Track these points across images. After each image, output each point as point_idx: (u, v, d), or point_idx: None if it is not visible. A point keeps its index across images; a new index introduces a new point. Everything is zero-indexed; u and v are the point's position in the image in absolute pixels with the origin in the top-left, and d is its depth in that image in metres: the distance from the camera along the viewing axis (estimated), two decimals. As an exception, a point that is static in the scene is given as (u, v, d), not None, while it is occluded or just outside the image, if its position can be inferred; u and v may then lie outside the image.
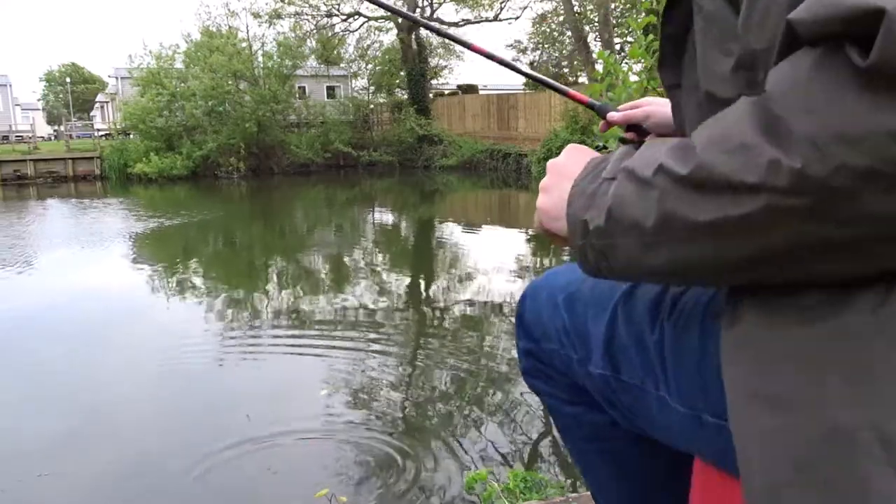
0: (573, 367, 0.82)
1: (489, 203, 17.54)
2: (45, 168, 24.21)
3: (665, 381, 0.70)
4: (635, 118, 1.17)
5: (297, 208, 17.30)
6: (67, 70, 65.75)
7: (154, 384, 4.83)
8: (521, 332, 0.89)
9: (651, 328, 0.72)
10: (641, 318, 0.73)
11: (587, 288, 0.81)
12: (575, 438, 0.92)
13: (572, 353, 0.81)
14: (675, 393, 0.69)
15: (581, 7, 24.68)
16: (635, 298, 0.75)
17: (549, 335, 0.84)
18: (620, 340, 0.75)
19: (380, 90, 30.49)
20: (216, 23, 26.95)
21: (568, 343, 0.81)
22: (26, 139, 30.65)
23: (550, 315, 0.83)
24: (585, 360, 0.79)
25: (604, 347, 0.76)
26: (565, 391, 0.87)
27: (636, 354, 0.73)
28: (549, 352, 0.85)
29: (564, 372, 0.84)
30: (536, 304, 0.86)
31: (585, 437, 0.89)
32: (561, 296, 0.83)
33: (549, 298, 0.84)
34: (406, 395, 4.55)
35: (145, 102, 23.83)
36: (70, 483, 3.47)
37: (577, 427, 0.89)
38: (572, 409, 0.87)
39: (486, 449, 3.64)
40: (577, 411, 0.87)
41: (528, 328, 0.87)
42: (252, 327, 6.27)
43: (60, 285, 8.25)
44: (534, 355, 0.87)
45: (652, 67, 2.30)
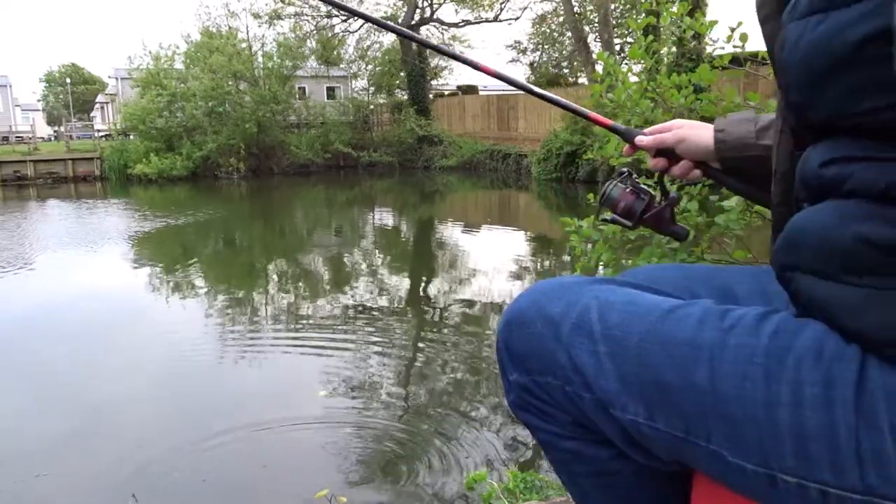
0: (583, 405, 0.76)
1: (489, 204, 17.54)
2: (45, 169, 24.21)
3: (721, 434, 0.67)
4: (666, 143, 1.08)
5: (297, 209, 17.29)
6: (67, 71, 65.76)
7: (154, 384, 4.83)
8: (510, 363, 0.82)
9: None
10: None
11: (597, 321, 0.75)
12: (574, 473, 0.86)
13: (584, 392, 0.75)
14: (735, 448, 0.67)
15: (581, 7, 24.70)
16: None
17: (549, 369, 0.78)
18: (660, 383, 0.70)
19: (380, 91, 30.50)
20: (216, 23, 27.01)
21: (579, 381, 0.75)
22: (26, 140, 30.66)
23: (551, 348, 0.77)
24: (606, 403, 0.74)
25: (638, 391, 0.72)
26: (565, 427, 0.81)
27: (684, 402, 0.69)
28: (547, 386, 0.78)
29: (567, 408, 0.78)
30: (528, 333, 0.79)
31: (587, 472, 0.84)
32: (565, 328, 0.76)
33: (547, 329, 0.78)
34: (406, 395, 4.56)
35: (145, 103, 23.85)
36: (70, 483, 3.48)
37: (577, 462, 0.84)
38: (572, 445, 0.82)
39: (486, 449, 3.64)
40: (577, 446, 0.81)
41: (520, 360, 0.80)
42: (252, 327, 6.27)
43: (61, 286, 8.25)
44: (527, 389, 0.81)
45: (651, 68, 2.30)
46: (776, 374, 0.64)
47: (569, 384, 0.76)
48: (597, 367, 0.74)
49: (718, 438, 0.67)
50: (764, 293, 0.89)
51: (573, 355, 0.75)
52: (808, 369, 0.63)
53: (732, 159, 1.00)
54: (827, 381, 0.62)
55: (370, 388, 4.64)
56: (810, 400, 0.62)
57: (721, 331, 0.69)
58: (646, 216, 1.11)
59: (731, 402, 0.66)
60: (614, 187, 1.14)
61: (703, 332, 0.70)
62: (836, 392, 0.61)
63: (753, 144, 0.97)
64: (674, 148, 1.08)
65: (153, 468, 3.55)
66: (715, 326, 0.70)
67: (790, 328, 0.67)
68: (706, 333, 0.70)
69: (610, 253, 2.22)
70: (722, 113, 2.14)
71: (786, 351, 0.65)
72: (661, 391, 0.70)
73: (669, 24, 2.30)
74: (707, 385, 0.67)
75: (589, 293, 0.78)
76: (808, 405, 0.62)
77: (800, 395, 0.63)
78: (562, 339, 0.76)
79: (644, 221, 1.12)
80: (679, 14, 2.22)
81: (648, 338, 0.72)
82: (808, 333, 0.66)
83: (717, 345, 0.68)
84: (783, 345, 0.66)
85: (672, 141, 1.07)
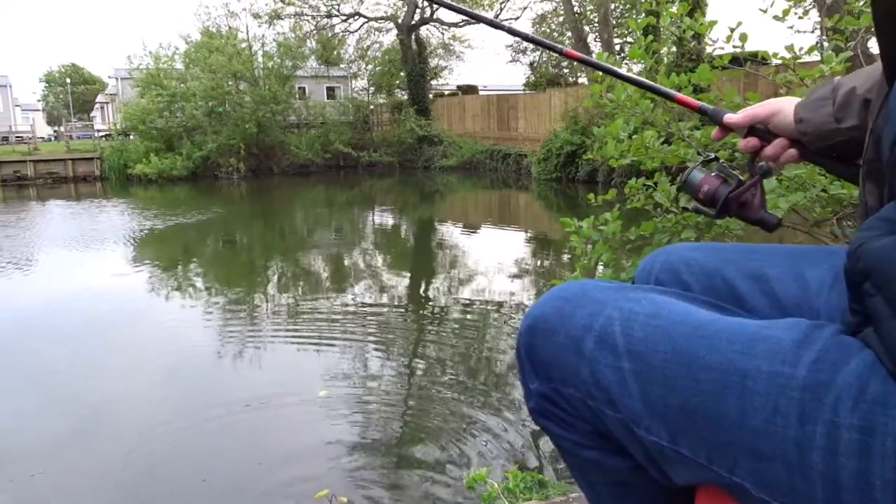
0: (606, 419, 0.74)
1: (489, 204, 17.54)
2: (45, 169, 24.21)
3: (747, 467, 0.64)
4: (759, 116, 1.00)
5: (297, 209, 17.29)
6: (67, 71, 65.77)
7: (154, 384, 4.83)
8: (531, 371, 0.79)
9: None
10: None
11: (620, 334, 0.72)
12: (593, 482, 0.84)
13: (607, 410, 0.73)
14: (761, 484, 0.63)
15: (581, 7, 24.69)
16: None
17: (571, 381, 0.75)
18: (686, 407, 0.67)
19: (380, 91, 30.50)
20: (216, 23, 27.02)
21: (602, 398, 0.73)
22: (26, 140, 30.66)
23: (573, 361, 0.74)
24: (629, 422, 0.71)
25: (662, 413, 0.69)
26: (585, 437, 0.78)
27: (709, 430, 0.66)
28: (569, 396, 0.76)
29: (589, 419, 0.76)
30: (551, 342, 0.76)
31: (606, 481, 0.82)
32: (588, 342, 0.73)
33: (569, 341, 0.75)
34: (406, 394, 4.56)
35: (145, 103, 23.86)
36: (69, 482, 3.48)
37: (596, 471, 0.81)
38: (592, 454, 0.79)
39: (486, 449, 3.64)
40: (597, 456, 0.79)
41: (542, 368, 0.78)
42: (252, 327, 6.27)
43: (62, 286, 8.25)
44: (549, 398, 0.78)
45: (651, 68, 2.30)
46: (812, 413, 0.60)
47: (591, 399, 0.74)
48: (621, 385, 0.71)
49: (743, 471, 0.64)
50: (799, 277, 0.86)
51: (595, 371, 0.72)
52: (847, 411, 0.58)
53: (820, 148, 0.96)
54: (866, 427, 0.57)
55: (370, 388, 4.64)
56: (847, 446, 0.58)
57: (754, 356, 0.64)
58: (730, 202, 1.00)
59: (761, 437, 0.62)
60: (697, 170, 1.05)
61: (733, 355, 0.66)
62: (875, 441, 0.57)
63: (836, 130, 0.92)
64: (767, 124, 1.00)
65: (153, 468, 3.56)
66: (747, 349, 0.65)
67: (833, 359, 0.62)
68: (736, 357, 0.65)
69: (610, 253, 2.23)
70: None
71: (825, 387, 0.60)
72: (686, 416, 0.67)
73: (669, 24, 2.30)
74: (735, 415, 0.64)
75: (613, 303, 0.75)
76: (843, 451, 0.58)
77: (836, 439, 0.58)
78: (584, 353, 0.73)
79: (729, 209, 1.01)
80: (679, 14, 2.22)
81: (675, 357, 0.68)
82: (852, 367, 0.60)
83: (750, 372, 0.64)
84: (823, 379, 0.60)
85: (765, 114, 1.00)
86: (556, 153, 18.24)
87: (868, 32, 2.23)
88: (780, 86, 2.19)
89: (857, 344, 0.63)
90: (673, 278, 0.93)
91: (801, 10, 2.37)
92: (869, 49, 2.39)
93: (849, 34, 2.20)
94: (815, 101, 0.94)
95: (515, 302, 6.95)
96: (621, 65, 2.35)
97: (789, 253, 0.91)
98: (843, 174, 0.99)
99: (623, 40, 22.78)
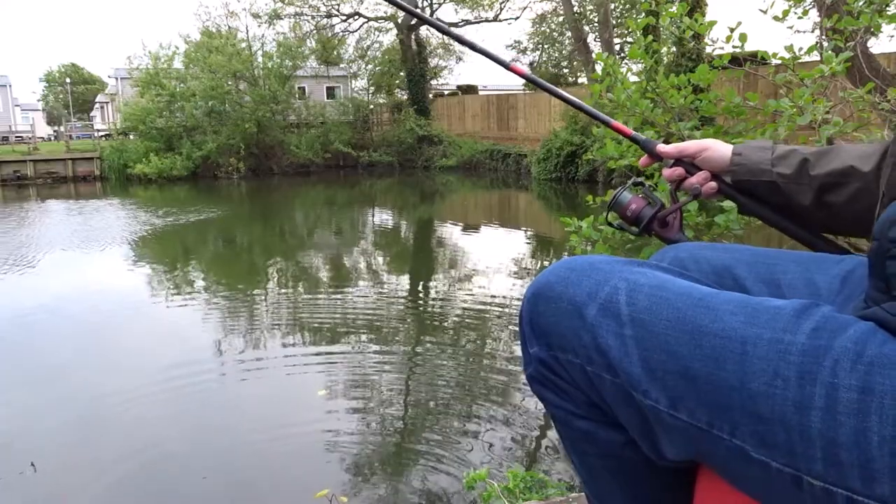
0: (602, 387, 0.75)
1: (489, 204, 17.54)
2: (45, 168, 24.21)
3: (747, 430, 0.65)
4: (688, 151, 1.11)
5: (297, 208, 17.29)
6: (67, 70, 65.72)
7: (156, 384, 4.82)
8: (533, 337, 0.81)
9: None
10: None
11: (625, 303, 0.74)
12: (583, 453, 0.85)
13: (605, 374, 0.74)
14: (761, 445, 0.65)
15: (581, 7, 24.69)
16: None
17: (571, 347, 0.76)
18: (687, 373, 0.69)
19: (379, 90, 30.51)
20: (215, 23, 27.02)
21: (601, 363, 0.74)
22: (26, 140, 30.69)
23: (575, 326, 0.76)
24: (628, 387, 0.72)
25: (662, 379, 0.70)
26: (580, 406, 0.80)
27: (710, 394, 0.67)
28: (567, 364, 0.78)
29: (584, 388, 0.78)
30: (554, 308, 0.78)
31: (597, 453, 0.84)
32: (592, 308, 0.75)
33: (573, 307, 0.76)
34: (406, 394, 4.56)
35: (145, 103, 23.85)
36: (71, 480, 3.48)
37: (588, 443, 0.83)
38: (585, 425, 0.81)
39: (486, 449, 3.64)
40: (590, 427, 0.81)
41: (542, 334, 0.79)
42: (253, 327, 6.27)
43: (64, 286, 8.24)
44: (547, 365, 0.80)
45: (651, 68, 2.30)
46: (811, 376, 0.62)
47: (590, 364, 0.75)
48: (621, 350, 0.72)
49: (743, 434, 0.66)
50: (810, 282, 0.87)
51: (597, 335, 0.74)
52: (846, 373, 0.61)
53: (746, 182, 1.06)
54: (864, 387, 0.60)
55: (370, 388, 4.64)
56: (845, 406, 0.60)
57: (755, 324, 0.67)
58: (653, 223, 1.11)
59: (761, 400, 0.64)
60: (626, 191, 1.14)
61: (736, 323, 0.68)
62: (872, 400, 0.59)
63: (768, 171, 1.04)
64: (694, 158, 1.11)
65: (154, 466, 3.56)
66: (749, 318, 0.68)
67: (831, 326, 0.64)
68: (738, 325, 0.67)
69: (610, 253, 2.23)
70: (722, 112, 2.14)
71: (824, 351, 0.63)
72: (686, 381, 0.68)
73: (669, 24, 2.30)
74: (736, 380, 0.65)
75: (619, 274, 0.77)
76: (842, 411, 0.60)
77: (834, 399, 0.61)
78: (587, 318, 0.75)
79: (650, 229, 1.12)
80: (679, 14, 2.22)
81: (678, 325, 0.70)
82: (850, 333, 0.63)
83: (750, 338, 0.66)
84: (822, 344, 0.63)
85: (694, 150, 1.11)
86: (555, 153, 18.24)
87: (868, 32, 2.23)
88: (780, 86, 2.19)
89: (854, 318, 0.66)
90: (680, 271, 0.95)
91: (801, 10, 2.37)
92: (868, 49, 2.39)
93: (848, 34, 2.20)
94: (755, 147, 1.08)
95: (516, 303, 6.95)
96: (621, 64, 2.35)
97: (800, 259, 0.93)
98: (756, 213, 1.09)
99: (623, 40, 22.80)
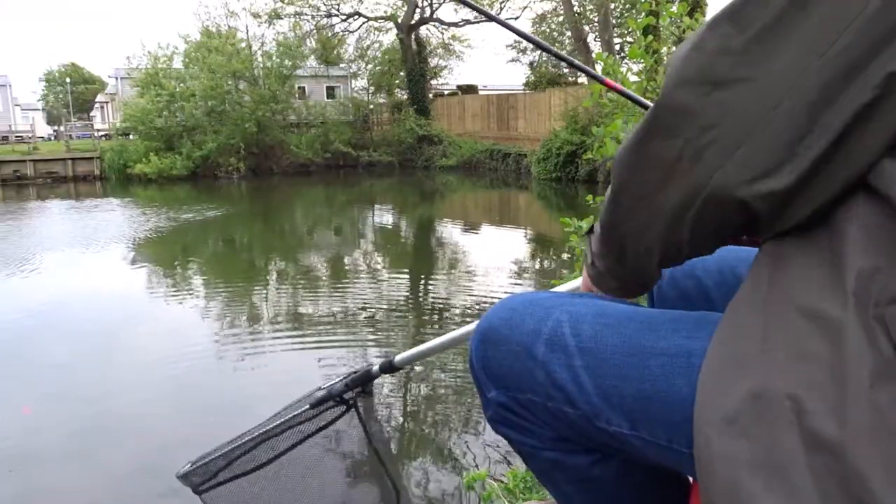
0: (566, 419, 0.76)
1: (489, 203, 17.54)
2: (45, 168, 24.21)
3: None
4: None
5: (297, 208, 17.30)
6: (67, 70, 65.68)
7: (157, 383, 4.83)
8: (489, 381, 0.81)
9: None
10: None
11: (570, 335, 0.74)
12: (555, 481, 0.86)
13: (567, 408, 0.74)
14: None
15: (581, 7, 24.69)
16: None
17: (529, 388, 0.77)
18: (640, 394, 0.70)
19: (379, 90, 30.51)
20: (215, 23, 27.02)
21: (561, 398, 0.74)
22: (26, 139, 30.66)
23: (528, 367, 0.76)
24: (590, 417, 0.73)
25: (619, 404, 0.71)
26: (544, 441, 0.81)
27: (665, 411, 0.68)
28: (528, 403, 0.78)
29: (549, 423, 0.78)
30: (504, 351, 0.79)
31: (568, 479, 0.84)
32: (539, 346, 0.75)
33: (521, 348, 0.77)
34: (405, 394, 4.56)
35: (145, 103, 23.84)
36: (72, 479, 3.48)
37: (557, 471, 0.84)
38: (553, 455, 0.82)
39: (486, 449, 3.64)
40: (557, 456, 0.82)
41: (498, 378, 0.80)
42: (253, 326, 6.27)
43: (65, 286, 8.25)
44: (507, 407, 0.80)
45: (651, 68, 2.30)
46: None
47: (550, 400, 0.75)
48: (575, 383, 0.73)
49: None
50: None
51: (550, 371, 0.74)
52: None
53: None
54: None
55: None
56: None
57: (698, 337, 0.68)
58: None
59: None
60: None
61: (679, 339, 0.69)
62: None
63: None
64: None
65: (154, 465, 3.56)
66: (691, 332, 0.69)
67: None
68: (682, 340, 0.68)
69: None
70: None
71: None
72: (641, 402, 0.69)
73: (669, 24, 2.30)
74: (686, 393, 0.65)
75: (559, 308, 0.78)
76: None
77: None
78: (537, 356, 0.75)
79: None
80: (679, 14, 2.22)
81: (624, 349, 0.71)
82: None
83: (696, 350, 0.66)
84: None
85: None
86: (555, 153, 18.24)
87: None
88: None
89: None
90: (685, 272, 0.95)
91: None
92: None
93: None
94: None
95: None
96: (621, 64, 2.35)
97: None
98: None
99: (623, 40, 22.80)
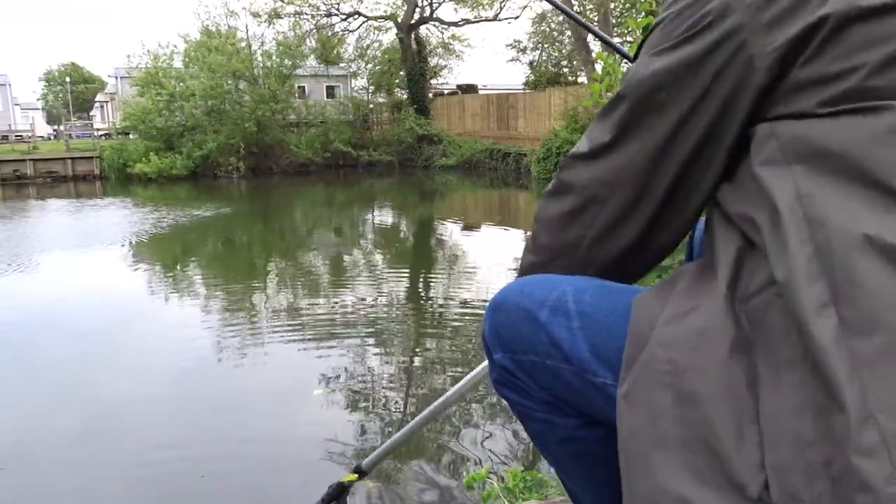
0: (562, 376, 0.83)
1: (489, 203, 17.54)
2: (45, 168, 24.19)
3: None
4: None
5: (297, 208, 17.30)
6: (67, 70, 65.66)
7: (157, 382, 4.83)
8: (497, 344, 0.90)
9: None
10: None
11: (572, 302, 0.83)
12: (548, 443, 0.94)
13: (563, 364, 0.83)
14: None
15: (581, 7, 24.69)
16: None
17: (531, 349, 0.85)
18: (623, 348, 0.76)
19: (379, 90, 30.50)
20: (215, 22, 27.00)
21: (558, 355, 0.83)
22: (26, 139, 30.66)
23: (532, 329, 0.85)
24: (582, 371, 0.81)
25: (606, 358, 0.79)
26: (538, 403, 0.89)
27: None
28: (528, 364, 0.86)
29: (545, 384, 0.86)
30: (513, 318, 0.87)
31: (558, 440, 0.92)
32: (544, 311, 0.84)
33: (528, 314, 0.85)
34: (405, 393, 4.56)
35: (145, 103, 23.82)
36: (73, 478, 3.48)
37: (549, 432, 0.92)
38: (544, 415, 0.90)
39: (486, 449, 3.64)
40: (548, 416, 0.90)
41: (504, 342, 0.88)
42: (253, 326, 6.27)
43: (65, 285, 8.25)
44: (508, 369, 0.89)
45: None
46: None
47: (549, 358, 0.84)
48: (571, 341, 0.81)
49: None
50: None
51: (550, 332, 0.83)
52: None
53: None
54: None
55: (369, 387, 4.64)
56: None
57: None
58: None
59: None
60: None
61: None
62: None
63: None
64: None
65: (154, 463, 3.55)
66: None
67: None
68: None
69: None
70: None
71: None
72: (622, 355, 0.75)
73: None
74: None
75: (566, 281, 0.86)
76: None
77: None
78: (541, 319, 0.84)
79: None
80: (679, 13, 2.21)
81: (616, 311, 0.79)
82: None
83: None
84: None
85: None
86: (555, 152, 18.23)
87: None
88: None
89: None
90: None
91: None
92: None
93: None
94: None
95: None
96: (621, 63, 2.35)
97: None
98: None
99: (623, 40, 22.78)
